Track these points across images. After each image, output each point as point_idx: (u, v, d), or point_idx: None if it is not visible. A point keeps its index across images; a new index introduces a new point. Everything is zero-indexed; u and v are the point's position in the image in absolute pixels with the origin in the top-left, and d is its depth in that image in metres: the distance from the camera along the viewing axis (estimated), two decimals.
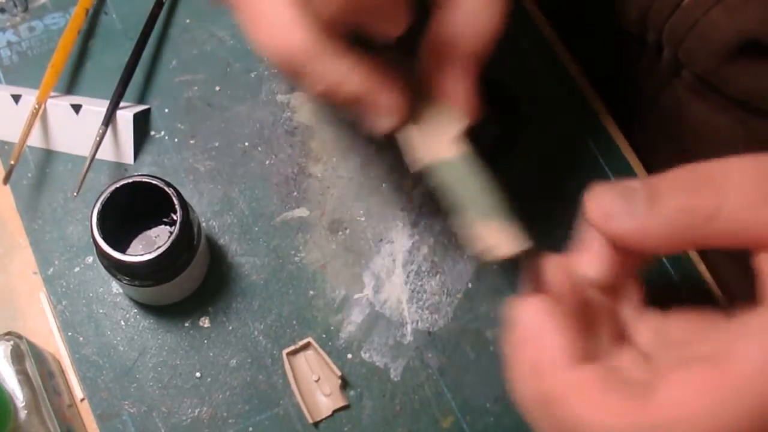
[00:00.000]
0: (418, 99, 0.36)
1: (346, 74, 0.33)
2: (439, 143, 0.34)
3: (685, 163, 0.53)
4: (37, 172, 0.51)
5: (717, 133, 0.49)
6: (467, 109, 0.36)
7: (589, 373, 0.28)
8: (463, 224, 0.30)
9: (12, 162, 0.48)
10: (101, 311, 0.49)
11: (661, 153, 0.55)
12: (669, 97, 0.51)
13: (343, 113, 0.36)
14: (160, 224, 0.48)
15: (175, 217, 0.43)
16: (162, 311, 0.49)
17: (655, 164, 0.55)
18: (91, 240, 0.43)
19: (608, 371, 0.28)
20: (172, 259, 0.44)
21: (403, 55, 0.37)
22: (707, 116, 0.49)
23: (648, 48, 0.51)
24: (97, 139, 0.49)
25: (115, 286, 0.49)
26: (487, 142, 0.52)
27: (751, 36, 0.43)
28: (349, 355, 0.49)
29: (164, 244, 0.42)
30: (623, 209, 0.28)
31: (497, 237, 0.30)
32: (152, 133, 0.53)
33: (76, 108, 0.51)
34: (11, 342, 0.44)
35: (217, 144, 0.53)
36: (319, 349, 0.48)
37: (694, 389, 0.26)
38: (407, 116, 0.36)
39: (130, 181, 0.44)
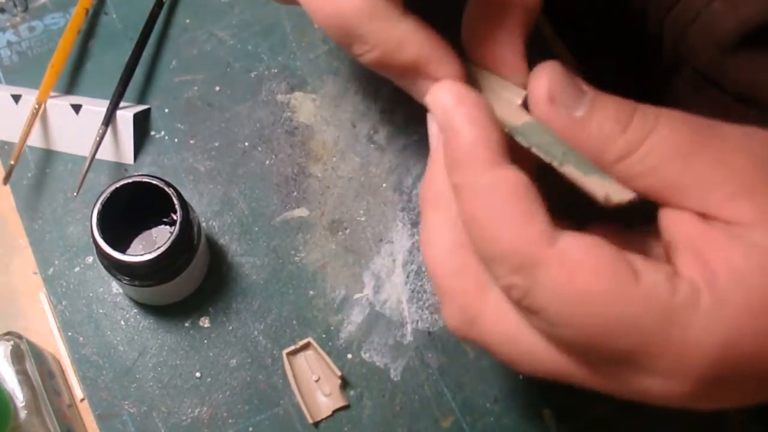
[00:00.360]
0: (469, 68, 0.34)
1: (404, 38, 0.31)
2: (507, 112, 0.31)
3: None
4: (37, 172, 0.51)
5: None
6: (522, 76, 0.34)
7: (503, 179, 0.27)
8: (571, 178, 0.29)
9: (12, 162, 0.48)
10: (101, 311, 0.49)
11: None
12: (669, 94, 0.51)
13: (396, 83, 0.34)
14: (160, 224, 0.48)
15: (175, 217, 0.43)
16: (162, 311, 0.49)
17: None
18: (91, 240, 0.43)
19: (526, 186, 0.28)
20: (172, 259, 0.44)
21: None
22: (706, 113, 0.49)
23: (648, 43, 0.50)
24: (97, 139, 0.49)
25: (115, 286, 0.49)
26: None
27: (755, 24, 0.43)
28: (349, 355, 0.49)
29: (164, 244, 0.42)
30: (566, 103, 0.28)
31: (608, 187, 0.28)
32: (152, 133, 0.53)
33: (76, 108, 0.51)
34: (11, 342, 0.44)
35: (217, 144, 0.53)
36: (319, 349, 0.48)
37: (587, 271, 0.26)
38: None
39: (130, 181, 0.44)
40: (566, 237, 0.27)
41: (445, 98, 0.29)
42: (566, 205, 0.31)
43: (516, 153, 0.30)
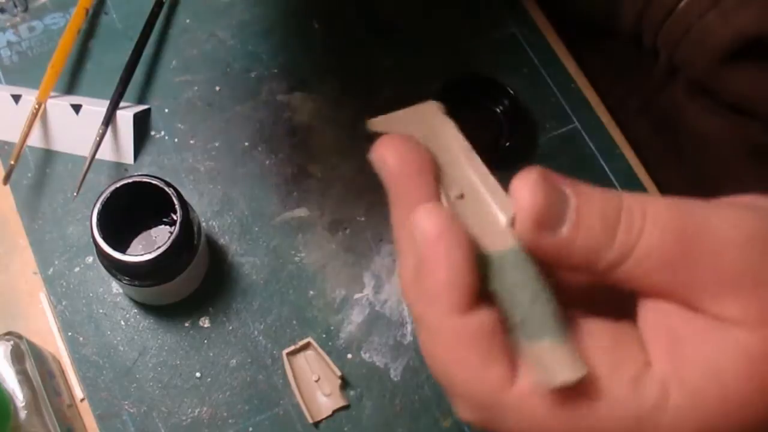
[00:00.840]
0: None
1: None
2: (486, 230, 0.28)
3: (682, 165, 0.53)
4: (37, 172, 0.51)
5: (711, 135, 0.49)
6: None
7: (467, 327, 0.26)
8: (512, 341, 0.28)
9: (12, 162, 0.48)
10: (101, 311, 0.49)
11: (659, 153, 0.55)
12: (665, 99, 0.51)
13: None
14: (160, 224, 0.48)
15: (175, 217, 0.43)
16: (162, 311, 0.49)
17: (653, 163, 0.56)
18: (91, 240, 0.43)
19: (489, 331, 0.27)
20: (172, 259, 0.44)
21: None
22: (702, 118, 0.49)
23: (644, 51, 0.51)
24: (97, 139, 0.49)
25: (115, 286, 0.49)
26: (489, 143, 0.52)
27: (748, 37, 0.43)
28: (349, 355, 0.49)
29: (164, 244, 0.42)
30: (552, 222, 0.27)
31: (551, 360, 0.26)
32: (152, 133, 0.53)
33: (76, 108, 0.51)
34: (11, 342, 0.44)
35: (217, 144, 0.53)
36: (319, 349, 0.48)
37: (545, 406, 0.26)
38: None
39: (130, 181, 0.44)
40: (525, 375, 0.27)
41: (426, 227, 0.27)
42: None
43: None
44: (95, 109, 0.51)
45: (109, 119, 0.50)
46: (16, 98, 0.51)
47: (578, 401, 0.26)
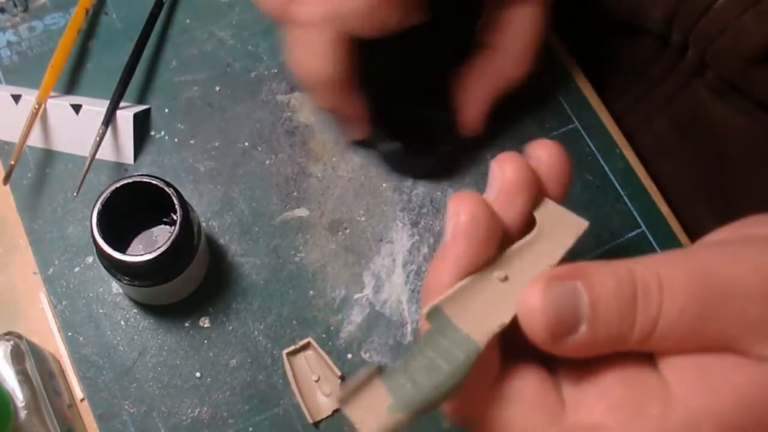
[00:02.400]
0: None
1: (344, 102, 0.46)
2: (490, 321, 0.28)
3: (702, 164, 0.53)
4: (37, 172, 0.51)
5: (735, 134, 0.49)
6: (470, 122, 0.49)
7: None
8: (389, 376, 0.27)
9: (12, 162, 0.48)
10: (101, 311, 0.49)
11: (678, 151, 0.55)
12: (688, 97, 0.51)
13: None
14: (160, 224, 0.48)
15: (175, 217, 0.43)
16: (162, 311, 0.49)
17: (669, 165, 0.55)
18: (91, 240, 0.43)
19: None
20: (172, 259, 0.44)
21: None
22: (727, 117, 0.49)
23: (670, 48, 0.50)
24: (97, 139, 0.49)
25: (115, 286, 0.49)
26: (429, 148, 0.52)
27: None
28: (349, 355, 0.49)
29: (164, 244, 0.42)
30: (568, 327, 0.26)
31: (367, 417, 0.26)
32: (152, 133, 0.53)
33: (76, 108, 0.51)
34: (11, 342, 0.44)
35: (217, 144, 0.53)
36: (319, 349, 0.48)
37: None
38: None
39: (130, 181, 0.44)
40: None
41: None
42: None
43: None
44: (95, 109, 0.51)
45: (109, 119, 0.50)
46: (16, 98, 0.51)
47: None
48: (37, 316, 0.49)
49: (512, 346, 0.29)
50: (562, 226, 0.29)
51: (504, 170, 0.29)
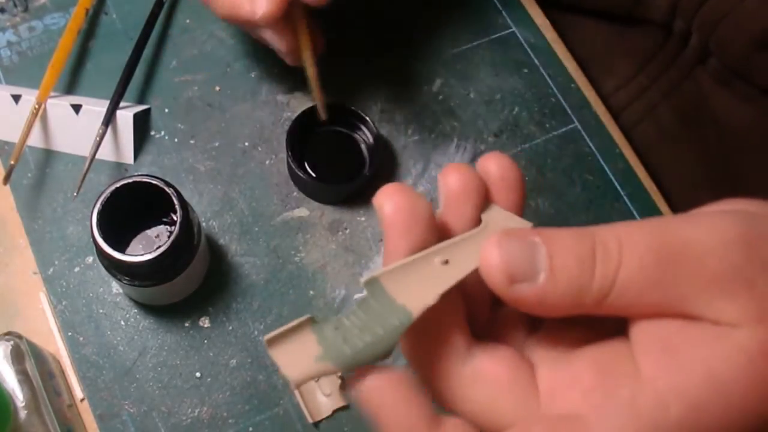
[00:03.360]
0: None
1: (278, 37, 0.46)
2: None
3: (706, 151, 0.52)
4: (37, 172, 0.51)
5: (739, 122, 0.49)
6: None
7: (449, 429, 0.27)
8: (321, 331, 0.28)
9: (12, 162, 0.48)
10: (101, 311, 0.49)
11: (677, 143, 0.55)
12: (690, 87, 0.51)
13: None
14: (160, 224, 0.48)
15: (175, 217, 0.43)
16: (162, 311, 0.49)
17: (672, 154, 0.55)
18: (91, 240, 0.43)
19: (467, 428, 0.27)
20: (172, 259, 0.44)
21: None
22: (729, 104, 0.49)
23: (673, 36, 0.50)
24: (97, 139, 0.49)
25: (115, 286, 0.49)
26: (351, 172, 0.52)
27: None
28: None
29: (164, 244, 0.42)
30: (527, 274, 0.26)
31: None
32: (152, 133, 0.53)
33: (76, 108, 0.51)
34: (11, 342, 0.44)
35: (217, 144, 0.53)
36: None
37: None
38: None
39: (130, 181, 0.44)
40: None
41: (371, 396, 0.27)
42: None
43: None
44: (95, 109, 0.51)
45: (109, 119, 0.50)
46: (16, 98, 0.51)
47: None
48: (37, 316, 0.49)
49: (487, 333, 0.29)
50: (507, 226, 0.29)
51: (447, 181, 0.30)
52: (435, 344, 0.28)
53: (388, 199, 0.28)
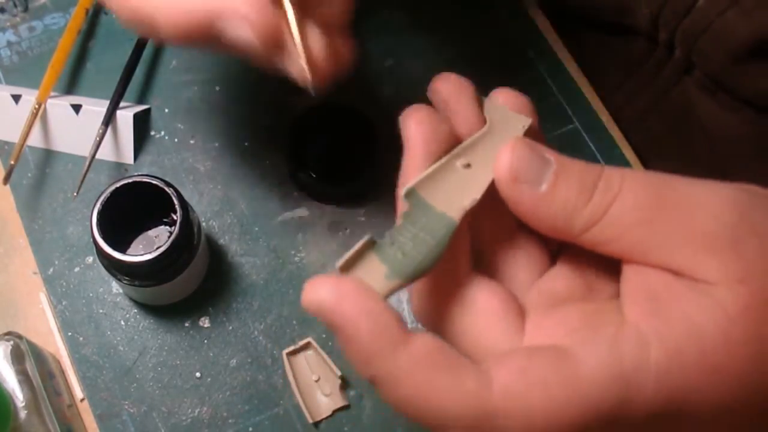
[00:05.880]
0: None
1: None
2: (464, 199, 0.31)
3: (693, 161, 0.53)
4: (37, 172, 0.51)
5: (725, 131, 0.49)
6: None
7: (417, 351, 0.26)
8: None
9: (12, 162, 0.48)
10: (101, 311, 0.49)
11: (670, 149, 0.55)
12: (678, 95, 0.51)
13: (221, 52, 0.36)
14: (160, 224, 0.48)
15: (175, 217, 0.43)
16: (162, 311, 0.49)
17: (663, 160, 0.55)
18: (91, 240, 0.43)
19: (439, 345, 0.27)
20: (172, 259, 0.44)
21: None
22: (716, 114, 0.49)
23: (658, 47, 0.50)
24: (97, 139, 0.49)
25: (115, 286, 0.49)
26: (350, 173, 0.51)
27: (765, 37, 0.43)
28: None
29: (164, 244, 0.42)
30: (531, 178, 0.28)
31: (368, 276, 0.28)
32: (152, 133, 0.53)
33: (76, 108, 0.51)
34: (11, 342, 0.44)
35: (217, 144, 0.53)
36: (319, 349, 0.48)
37: (532, 382, 0.26)
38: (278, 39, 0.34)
39: (130, 181, 0.44)
40: (499, 370, 0.26)
41: (322, 297, 0.27)
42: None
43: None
44: (95, 109, 0.51)
45: (109, 119, 0.50)
46: (16, 98, 0.51)
47: (563, 377, 0.26)
48: (37, 316, 0.49)
49: (491, 275, 0.30)
50: (509, 120, 0.32)
51: (439, 88, 0.32)
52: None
53: (412, 113, 0.30)
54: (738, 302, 0.26)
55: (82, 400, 0.47)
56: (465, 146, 0.30)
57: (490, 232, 0.31)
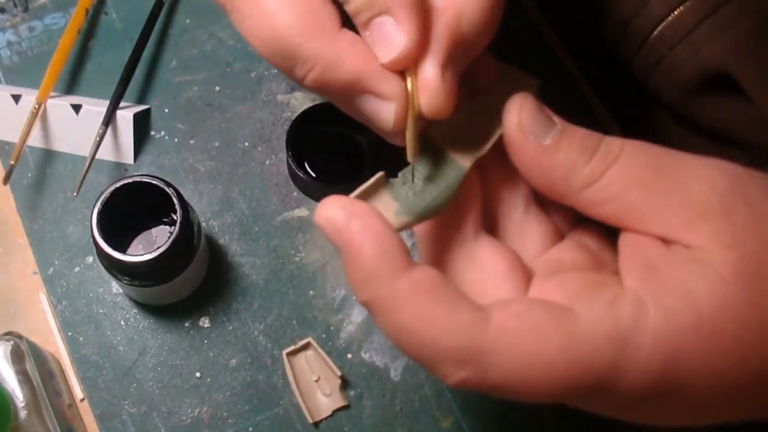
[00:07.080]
0: None
1: (343, 52, 0.29)
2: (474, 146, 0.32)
3: None
4: (37, 172, 0.51)
5: (695, 153, 0.50)
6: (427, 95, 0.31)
7: (417, 279, 0.26)
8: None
9: (12, 162, 0.48)
10: (101, 311, 0.49)
11: None
12: (650, 118, 0.52)
13: (345, 109, 0.33)
14: (160, 224, 0.48)
15: (175, 217, 0.43)
16: (162, 311, 0.49)
17: None
18: (91, 240, 0.43)
19: (440, 278, 0.27)
20: (172, 259, 0.44)
21: None
22: (685, 137, 0.49)
23: (626, 77, 0.51)
24: (97, 139, 0.49)
25: (115, 286, 0.49)
26: (352, 172, 0.51)
27: (715, 70, 0.44)
28: (349, 355, 0.49)
29: (164, 244, 0.42)
30: (537, 133, 0.29)
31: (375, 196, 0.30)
32: (152, 133, 0.53)
33: (76, 108, 0.51)
34: (11, 342, 0.44)
35: (217, 144, 0.53)
36: (319, 349, 0.48)
37: (529, 326, 0.26)
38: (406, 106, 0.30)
39: (130, 181, 0.44)
40: (497, 311, 0.27)
41: (333, 214, 0.27)
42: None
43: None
44: (95, 109, 0.51)
45: (109, 119, 0.50)
46: (16, 98, 0.51)
47: (560, 328, 0.26)
48: (37, 316, 0.49)
49: (501, 239, 0.31)
50: (519, 80, 0.33)
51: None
52: (446, 218, 0.30)
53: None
54: (728, 267, 0.26)
55: (82, 400, 0.47)
56: (474, 101, 0.31)
57: (507, 203, 0.32)
